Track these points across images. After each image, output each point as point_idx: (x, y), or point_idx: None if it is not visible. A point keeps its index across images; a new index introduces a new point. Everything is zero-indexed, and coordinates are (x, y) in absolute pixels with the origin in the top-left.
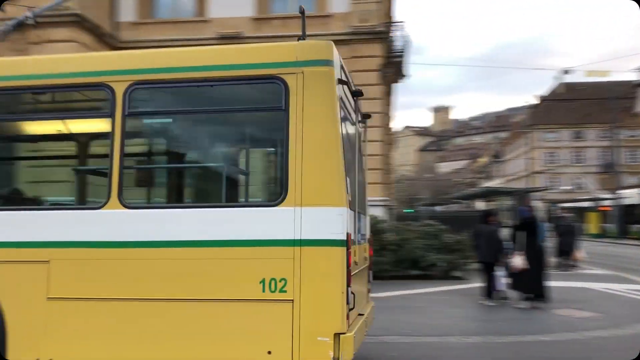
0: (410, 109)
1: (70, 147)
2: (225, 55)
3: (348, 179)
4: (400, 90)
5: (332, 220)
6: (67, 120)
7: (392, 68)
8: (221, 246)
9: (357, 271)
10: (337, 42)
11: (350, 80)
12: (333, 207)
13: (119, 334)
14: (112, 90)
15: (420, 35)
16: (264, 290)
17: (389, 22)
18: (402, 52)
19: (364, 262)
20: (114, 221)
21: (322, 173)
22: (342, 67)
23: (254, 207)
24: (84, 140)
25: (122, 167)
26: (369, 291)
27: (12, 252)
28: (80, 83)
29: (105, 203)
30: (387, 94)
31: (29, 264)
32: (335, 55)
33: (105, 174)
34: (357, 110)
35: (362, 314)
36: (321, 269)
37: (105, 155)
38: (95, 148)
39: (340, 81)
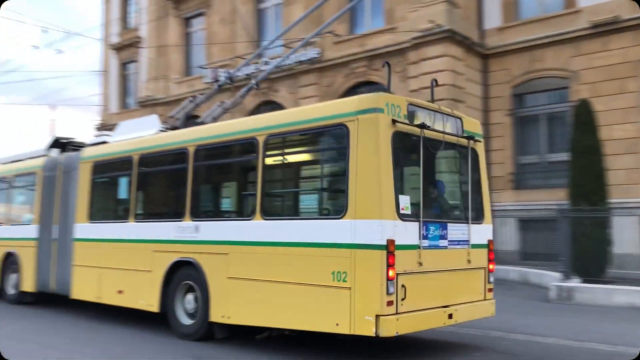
0: None
1: (239, 179)
2: (310, 112)
3: (405, 196)
4: None
5: (374, 230)
6: (236, 163)
7: None
8: (309, 247)
9: (427, 271)
10: None
11: (431, 110)
12: (375, 219)
13: (260, 301)
14: (257, 141)
15: None
16: (333, 280)
17: None
18: None
19: (466, 264)
20: (257, 228)
21: (369, 194)
22: (411, 106)
23: (328, 219)
24: (245, 174)
25: (262, 192)
26: (488, 290)
27: (211, 247)
28: (241, 138)
29: (254, 215)
30: None
31: (220, 255)
32: (390, 102)
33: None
34: (458, 134)
35: (447, 306)
36: (367, 266)
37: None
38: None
39: (397, 125)
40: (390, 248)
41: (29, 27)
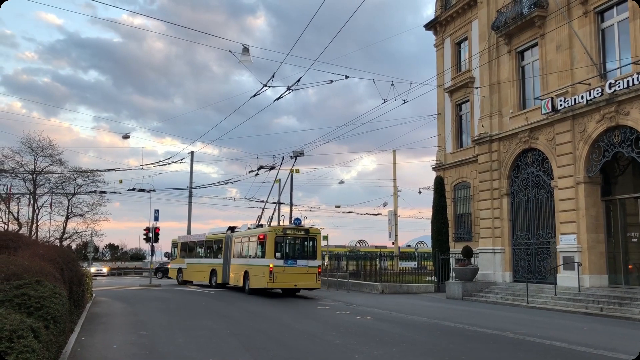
0: None
1: (253, 247)
2: (256, 230)
3: (278, 252)
4: None
5: (267, 262)
6: (254, 242)
7: None
8: (260, 265)
9: (284, 272)
10: None
11: (295, 228)
12: (268, 259)
13: (255, 280)
14: (263, 238)
15: None
16: (262, 274)
17: None
18: None
19: (306, 272)
20: (258, 261)
21: (267, 252)
22: (284, 229)
23: (263, 258)
24: (255, 245)
25: (255, 251)
26: (318, 280)
27: (251, 267)
28: (254, 234)
29: (258, 257)
30: None
31: (251, 268)
32: (276, 229)
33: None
34: (304, 234)
35: (296, 283)
36: (266, 271)
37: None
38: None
39: (277, 234)
40: (270, 266)
41: (365, 82)
